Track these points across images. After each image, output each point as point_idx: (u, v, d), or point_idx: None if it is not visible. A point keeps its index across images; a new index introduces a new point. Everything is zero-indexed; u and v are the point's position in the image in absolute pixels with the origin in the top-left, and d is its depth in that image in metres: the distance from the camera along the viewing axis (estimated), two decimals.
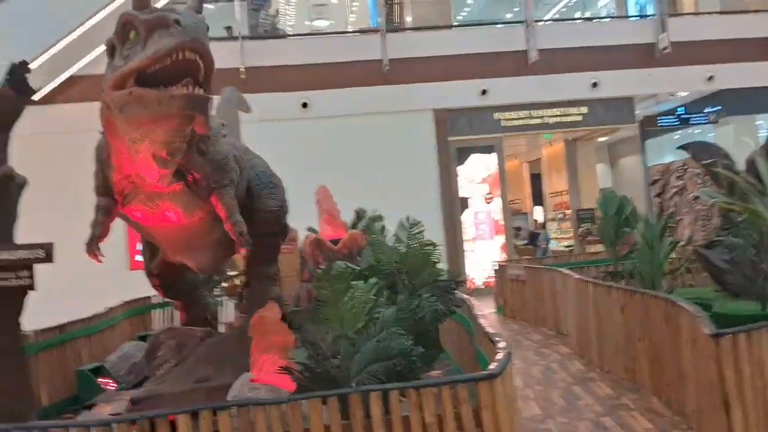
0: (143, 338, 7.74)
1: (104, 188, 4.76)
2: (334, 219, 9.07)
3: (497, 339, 3.83)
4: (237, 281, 8.97)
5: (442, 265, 15.15)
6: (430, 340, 4.67)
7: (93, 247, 4.81)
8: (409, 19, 17.54)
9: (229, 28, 15.98)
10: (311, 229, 9.08)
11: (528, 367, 7.48)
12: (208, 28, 3.81)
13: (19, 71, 5.05)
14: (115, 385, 6.89)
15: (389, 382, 3.21)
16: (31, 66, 13.25)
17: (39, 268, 5.08)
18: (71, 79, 13.78)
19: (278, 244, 5.91)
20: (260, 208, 5.57)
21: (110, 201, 4.78)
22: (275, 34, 17.29)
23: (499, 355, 3.42)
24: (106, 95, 3.95)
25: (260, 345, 4.00)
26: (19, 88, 5.06)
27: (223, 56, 14.25)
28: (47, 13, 12.93)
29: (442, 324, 4.93)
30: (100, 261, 4.82)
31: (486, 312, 12.80)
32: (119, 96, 3.83)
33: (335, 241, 7.91)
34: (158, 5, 12.79)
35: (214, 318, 7.31)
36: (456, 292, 4.82)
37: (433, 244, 4.63)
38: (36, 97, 13.82)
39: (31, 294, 5.14)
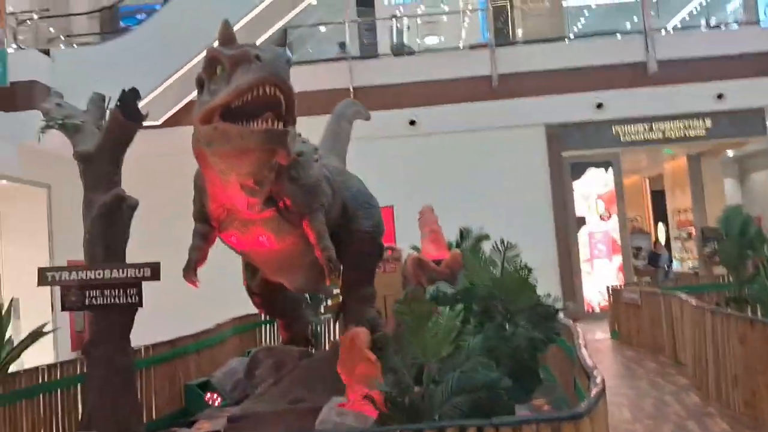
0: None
1: (201, 215, 4.91)
2: (437, 238, 8.95)
3: (592, 373, 3.57)
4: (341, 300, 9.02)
5: (554, 288, 14.85)
6: (528, 370, 4.44)
7: (190, 272, 4.96)
8: (520, 32, 17.21)
9: (342, 44, 16.25)
10: (415, 248, 9.00)
11: (639, 399, 7.02)
12: (289, 61, 3.86)
13: (129, 98, 5.28)
14: (220, 400, 7.08)
15: (473, 416, 3.05)
16: (155, 92, 14.05)
17: (157, 285, 5.27)
18: (191, 103, 14.47)
19: (374, 265, 5.87)
20: (355, 229, 5.56)
21: (207, 227, 4.93)
22: (401, 50, 17.24)
23: (593, 392, 3.17)
24: (196, 129, 4.07)
25: (347, 368, 3.94)
26: (130, 113, 5.30)
27: (333, 77, 14.69)
28: (168, 44, 13.65)
29: (546, 352, 4.69)
30: (197, 286, 4.96)
31: (600, 337, 12.28)
32: (206, 131, 3.95)
33: (438, 261, 7.79)
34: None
35: (315, 337, 7.38)
36: (557, 318, 4.57)
37: (529, 269, 4.41)
38: (160, 120, 14.74)
39: (148, 309, 5.34)
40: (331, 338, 9.15)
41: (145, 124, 5.30)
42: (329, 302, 9.35)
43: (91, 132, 5.54)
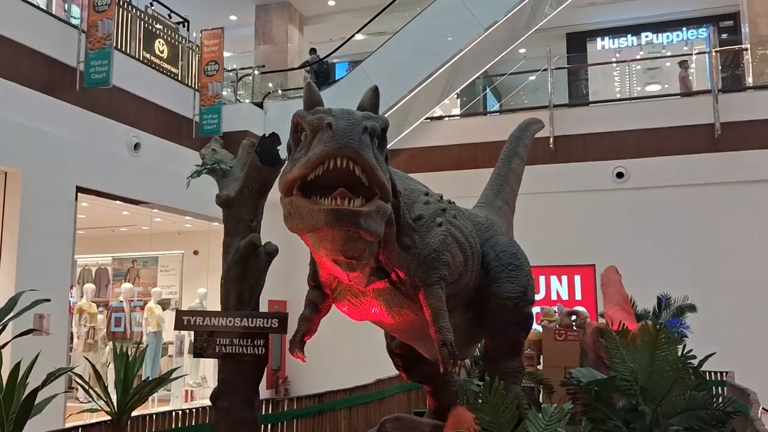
0: (420, 414, 7.38)
1: (315, 280, 4.55)
2: (626, 305, 7.88)
3: None
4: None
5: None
6: None
7: (296, 346, 4.52)
8: (750, 79, 15.27)
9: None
10: (603, 316, 8.00)
11: None
12: (365, 129, 3.38)
13: (267, 143, 5.18)
14: None
15: None
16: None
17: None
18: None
19: (519, 336, 5.11)
20: (497, 294, 4.89)
21: (320, 294, 4.55)
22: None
23: None
24: (281, 199, 3.72)
25: None
26: (267, 159, 5.18)
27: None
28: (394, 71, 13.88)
29: None
30: (304, 361, 4.55)
31: None
32: (283, 203, 3.61)
33: None
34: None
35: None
36: (728, 425, 3.53)
37: (689, 357, 3.45)
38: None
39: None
40: None
41: None
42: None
43: (236, 178, 5.52)
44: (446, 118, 16.57)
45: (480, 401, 2.59)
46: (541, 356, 9.34)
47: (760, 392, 6.45)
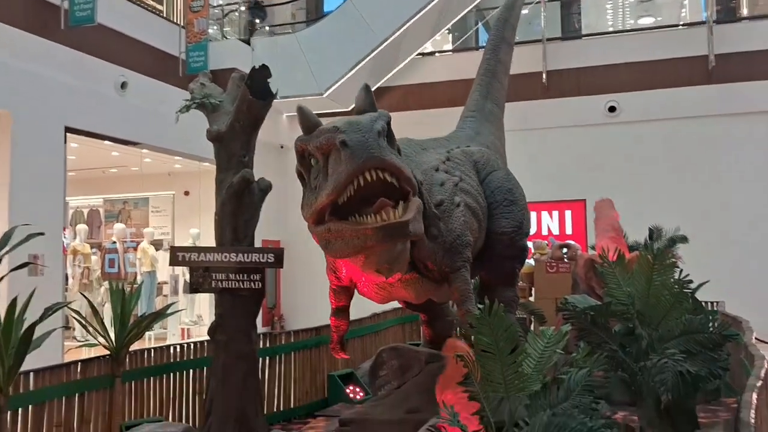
0: (416, 345, 7.50)
1: (335, 275, 4.58)
2: (617, 237, 7.92)
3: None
4: None
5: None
6: (680, 411, 3.54)
7: (337, 348, 4.98)
8: (744, 10, 15.02)
9: None
10: (594, 248, 8.05)
11: None
12: (380, 132, 3.32)
13: (258, 76, 5.08)
14: (363, 393, 6.78)
15: None
16: (347, 77, 14.18)
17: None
18: (378, 90, 14.42)
19: (514, 268, 5.17)
20: (493, 230, 4.92)
21: (345, 293, 4.72)
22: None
23: None
24: (309, 228, 3.69)
25: (446, 384, 3.34)
26: (259, 92, 5.10)
27: (526, 60, 13.81)
28: (357, 29, 13.68)
29: (710, 389, 3.73)
30: (348, 357, 5.23)
31: None
32: (321, 233, 3.53)
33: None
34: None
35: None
36: (725, 348, 3.58)
37: (683, 282, 3.47)
38: (349, 107, 14.88)
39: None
40: None
41: (335, 110, 5.03)
42: None
43: (227, 112, 5.44)
44: (437, 54, 16.30)
45: (480, 324, 2.61)
46: (533, 288, 9.46)
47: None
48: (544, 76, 13.94)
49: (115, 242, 12.92)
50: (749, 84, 12.89)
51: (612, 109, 13.73)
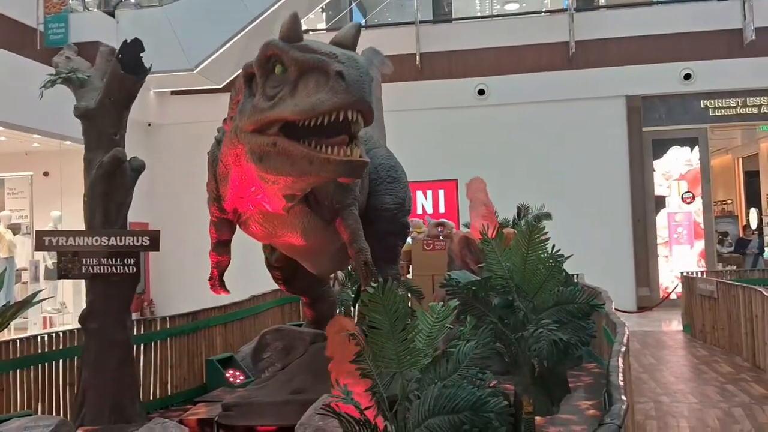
0: (297, 326, 7.44)
1: (217, 205, 4.40)
2: (489, 214, 8.24)
3: (617, 393, 2.87)
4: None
5: (627, 272, 13.64)
6: (554, 378, 3.77)
7: (217, 285, 4.73)
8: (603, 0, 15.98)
9: None
10: (468, 226, 8.33)
11: (704, 409, 6.14)
12: (372, 80, 3.25)
13: (130, 49, 4.84)
14: (243, 377, 6.68)
15: None
16: (218, 54, 13.73)
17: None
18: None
19: (397, 245, 5.26)
20: (376, 206, 4.96)
21: (228, 226, 4.53)
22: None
23: (609, 418, 2.48)
24: (242, 133, 3.51)
25: (336, 362, 3.36)
26: (131, 66, 4.86)
27: (400, 42, 13.97)
28: (229, 5, 13.32)
29: (578, 356, 3.97)
30: (228, 293, 4.81)
31: (672, 329, 11.29)
32: (260, 143, 3.38)
33: None
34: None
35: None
36: (592, 316, 3.84)
37: (556, 256, 3.69)
38: (221, 84, 14.48)
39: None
40: None
41: (206, 87, 4.82)
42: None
43: (96, 88, 5.15)
44: (311, 33, 16.16)
45: (372, 302, 2.64)
46: (411, 265, 9.66)
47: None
48: (417, 58, 14.17)
49: None
50: (605, 69, 13.76)
51: (481, 92, 14.21)
